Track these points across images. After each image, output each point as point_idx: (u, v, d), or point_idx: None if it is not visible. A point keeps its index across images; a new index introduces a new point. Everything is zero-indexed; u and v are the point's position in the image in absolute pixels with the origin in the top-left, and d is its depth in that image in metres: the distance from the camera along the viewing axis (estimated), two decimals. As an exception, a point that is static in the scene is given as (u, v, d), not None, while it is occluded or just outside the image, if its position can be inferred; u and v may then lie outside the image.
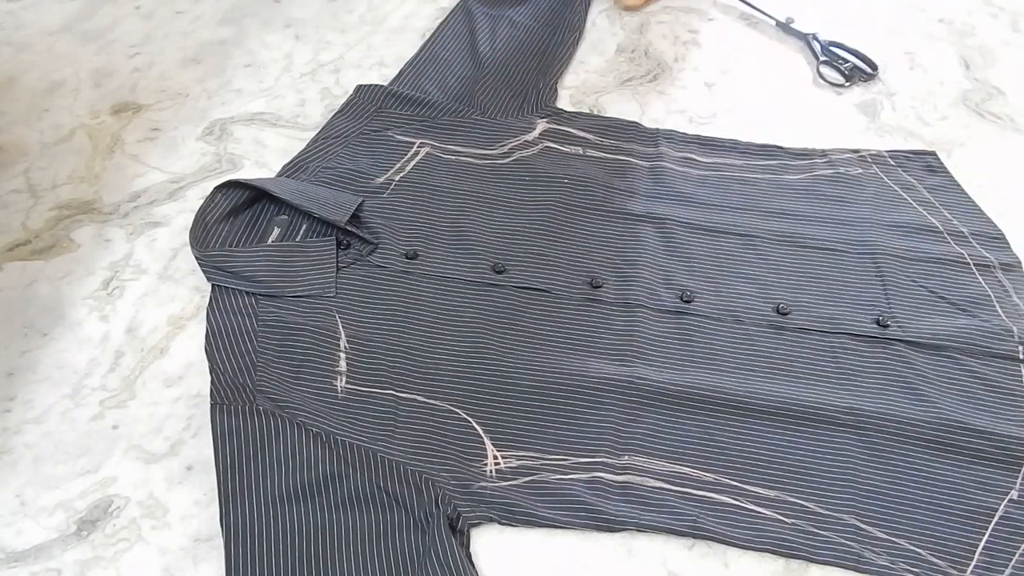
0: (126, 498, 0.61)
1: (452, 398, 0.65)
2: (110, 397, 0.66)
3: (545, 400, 0.65)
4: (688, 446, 0.63)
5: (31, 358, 0.68)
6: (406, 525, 0.57)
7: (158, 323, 0.71)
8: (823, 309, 0.72)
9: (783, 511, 0.60)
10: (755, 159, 0.86)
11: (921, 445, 0.63)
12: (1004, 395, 0.67)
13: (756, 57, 1.00)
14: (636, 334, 0.69)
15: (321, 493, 0.58)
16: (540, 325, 0.70)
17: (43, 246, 0.76)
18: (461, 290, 0.72)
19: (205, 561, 0.58)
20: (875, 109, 0.94)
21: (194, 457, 0.63)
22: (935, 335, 0.70)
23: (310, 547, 0.56)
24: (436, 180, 0.81)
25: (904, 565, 0.58)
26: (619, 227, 0.78)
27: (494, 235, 0.76)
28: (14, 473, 0.62)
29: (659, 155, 0.85)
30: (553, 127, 0.87)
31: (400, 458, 0.61)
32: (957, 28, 1.05)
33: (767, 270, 0.75)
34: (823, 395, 0.66)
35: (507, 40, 0.97)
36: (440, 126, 0.86)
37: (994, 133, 0.91)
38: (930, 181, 0.84)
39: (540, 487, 0.61)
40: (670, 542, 0.59)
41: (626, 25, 1.04)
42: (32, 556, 0.58)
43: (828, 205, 0.81)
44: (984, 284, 0.75)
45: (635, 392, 0.65)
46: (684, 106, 0.93)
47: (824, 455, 0.63)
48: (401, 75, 0.92)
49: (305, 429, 0.61)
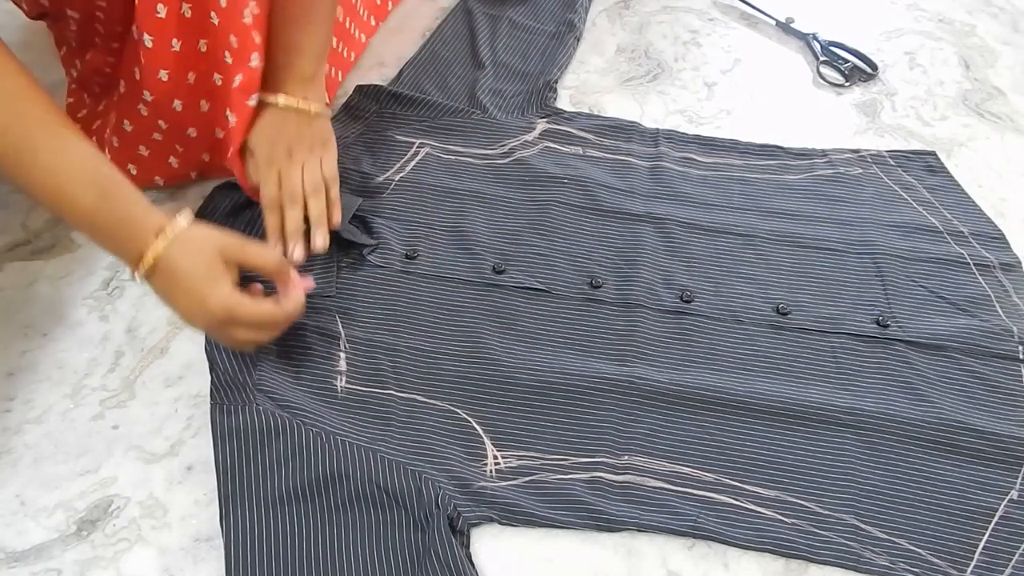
0: (126, 498, 0.61)
1: (452, 398, 0.65)
2: (110, 397, 0.66)
3: (545, 400, 0.65)
4: (688, 446, 0.63)
5: (31, 358, 0.68)
6: (406, 525, 0.57)
7: (158, 323, 0.71)
8: (823, 309, 0.72)
9: (783, 511, 0.60)
10: (755, 159, 0.86)
11: (921, 445, 0.63)
12: (1004, 395, 0.67)
13: (756, 57, 1.00)
14: (636, 334, 0.69)
15: (321, 493, 0.58)
16: (540, 325, 0.70)
17: (43, 246, 0.76)
18: (461, 290, 0.72)
19: (205, 561, 0.58)
20: (875, 109, 0.94)
21: (194, 457, 0.63)
22: (935, 335, 0.70)
23: (310, 547, 0.56)
24: (436, 180, 0.81)
25: (904, 565, 0.58)
26: (619, 227, 0.78)
27: (494, 235, 0.76)
28: (14, 473, 0.62)
29: (659, 155, 0.85)
30: (553, 127, 0.87)
31: (400, 458, 0.61)
32: (957, 28, 1.05)
33: (767, 270, 0.75)
34: (823, 395, 0.66)
35: (507, 40, 0.97)
36: (440, 126, 0.86)
37: (994, 133, 0.91)
38: (930, 181, 0.84)
39: (540, 487, 0.61)
40: (670, 542, 0.59)
41: (626, 25, 1.04)
42: (32, 556, 0.58)
43: (828, 205, 0.81)
44: (984, 284, 0.75)
45: (635, 392, 0.65)
46: (684, 106, 0.93)
47: (824, 455, 0.63)
48: (401, 75, 0.92)
49: (305, 429, 0.61)
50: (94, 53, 0.75)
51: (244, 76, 0.66)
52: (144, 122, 0.72)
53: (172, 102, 0.70)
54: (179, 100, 0.70)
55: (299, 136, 0.69)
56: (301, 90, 0.70)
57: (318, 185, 0.70)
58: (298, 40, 0.69)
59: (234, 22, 0.64)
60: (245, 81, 0.67)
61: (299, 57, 0.69)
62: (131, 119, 0.73)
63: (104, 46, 0.73)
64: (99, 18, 0.69)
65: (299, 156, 0.69)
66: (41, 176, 0.56)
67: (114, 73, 0.75)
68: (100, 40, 0.72)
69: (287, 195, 0.68)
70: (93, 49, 0.75)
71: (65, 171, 0.56)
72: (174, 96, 0.69)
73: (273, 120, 0.69)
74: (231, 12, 0.64)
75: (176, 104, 0.70)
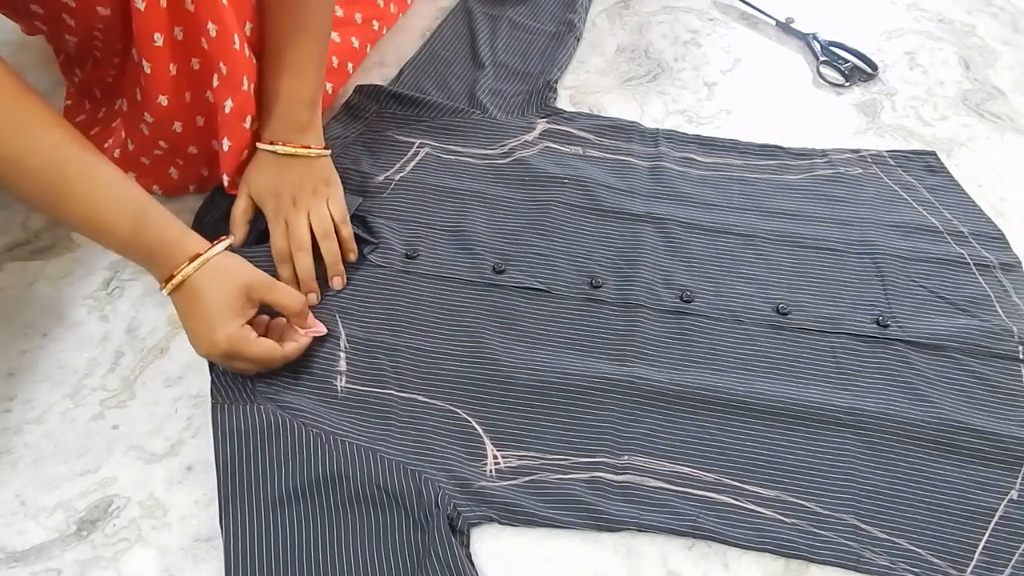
0: (126, 498, 0.61)
1: (452, 398, 0.65)
2: (110, 397, 0.66)
3: (545, 400, 0.65)
4: (688, 446, 0.63)
5: (31, 358, 0.68)
6: (406, 525, 0.57)
7: (158, 323, 0.71)
8: (823, 309, 0.72)
9: (783, 511, 0.60)
10: (755, 159, 0.86)
11: (921, 445, 0.63)
12: (1004, 395, 0.67)
13: (756, 57, 1.00)
14: (636, 334, 0.69)
15: (321, 493, 0.58)
16: (540, 325, 0.70)
17: (43, 246, 0.76)
18: (461, 290, 0.72)
19: (205, 561, 0.58)
20: (875, 109, 0.94)
21: (194, 457, 0.63)
22: (935, 335, 0.70)
23: (310, 547, 0.56)
24: (436, 180, 0.81)
25: (904, 565, 0.58)
26: (619, 227, 0.78)
27: (494, 235, 0.76)
28: (14, 473, 0.62)
29: (659, 155, 0.85)
30: (553, 127, 0.87)
31: (400, 458, 0.61)
32: (957, 28, 1.05)
33: (767, 270, 0.75)
34: (823, 395, 0.66)
35: (507, 40, 0.97)
36: (440, 126, 0.86)
37: (994, 133, 0.91)
38: (930, 181, 0.84)
39: (540, 487, 0.61)
40: (670, 542, 0.59)
41: (626, 25, 1.04)
42: (32, 556, 0.58)
43: (828, 205, 0.81)
44: (984, 284, 0.75)
45: (635, 392, 0.65)
46: (684, 106, 0.93)
47: (824, 455, 0.63)
48: (401, 75, 0.92)
49: (305, 429, 0.61)
50: (94, 66, 0.75)
51: (235, 101, 0.67)
52: (146, 141, 0.73)
53: (172, 124, 0.70)
54: (179, 122, 0.70)
55: (301, 182, 0.70)
56: (299, 138, 0.71)
57: (328, 228, 0.70)
58: (291, 89, 0.70)
59: (225, 49, 0.65)
60: (236, 106, 0.67)
61: (293, 105, 0.70)
62: (133, 138, 0.74)
63: (105, 60, 0.73)
64: (97, 38, 0.69)
65: (304, 202, 0.70)
66: (80, 208, 0.58)
67: (116, 83, 0.75)
68: (100, 55, 0.73)
69: (295, 243, 0.69)
70: (93, 61, 0.75)
71: (100, 201, 0.58)
72: (174, 118, 0.70)
73: (274, 167, 0.70)
74: (221, 38, 0.65)
75: (176, 126, 0.71)
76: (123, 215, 0.58)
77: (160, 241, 0.60)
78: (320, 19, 0.70)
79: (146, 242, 0.59)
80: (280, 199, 0.70)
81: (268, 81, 0.70)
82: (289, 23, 0.69)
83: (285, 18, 0.69)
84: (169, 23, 0.64)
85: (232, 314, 0.60)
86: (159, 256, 0.60)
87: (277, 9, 0.69)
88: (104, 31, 0.68)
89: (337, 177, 0.73)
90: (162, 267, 0.60)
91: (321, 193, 0.71)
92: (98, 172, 0.58)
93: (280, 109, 0.70)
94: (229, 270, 0.61)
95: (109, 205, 0.58)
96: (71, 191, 0.57)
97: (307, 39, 0.69)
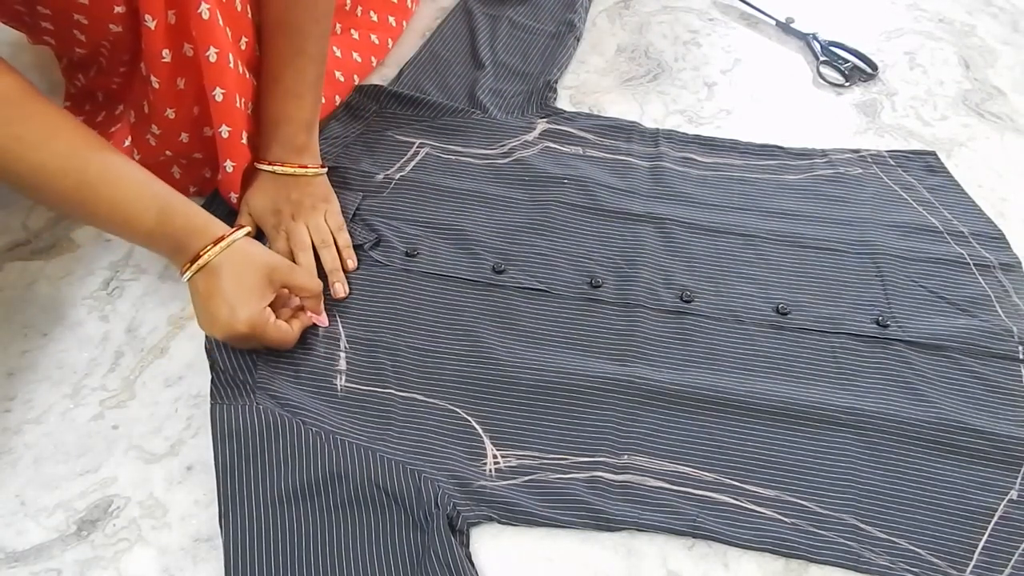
0: (126, 498, 0.61)
1: (452, 397, 0.65)
2: (110, 397, 0.66)
3: (545, 400, 0.65)
4: (688, 446, 0.63)
5: (31, 358, 0.68)
6: (406, 525, 0.57)
7: (158, 323, 0.71)
8: (823, 309, 0.72)
9: (783, 511, 0.60)
10: (755, 159, 0.86)
11: (921, 445, 0.63)
12: (1004, 395, 0.67)
13: (756, 57, 1.00)
14: (636, 334, 0.69)
15: (321, 493, 0.58)
16: (540, 325, 0.70)
17: (43, 246, 0.76)
18: (461, 289, 0.72)
19: (205, 561, 0.58)
20: (875, 109, 0.94)
21: (194, 457, 0.63)
22: (935, 335, 0.70)
23: (310, 547, 0.56)
24: (436, 179, 0.81)
25: (904, 565, 0.58)
26: (619, 227, 0.78)
27: (494, 235, 0.76)
28: (14, 473, 0.62)
29: (659, 155, 0.85)
30: (553, 127, 0.87)
31: (400, 457, 0.61)
32: (957, 28, 1.05)
33: (767, 270, 0.75)
34: (823, 395, 0.66)
35: (507, 40, 0.97)
36: (440, 126, 0.86)
37: (994, 133, 0.91)
38: (930, 181, 0.84)
39: (540, 486, 0.61)
40: (670, 542, 0.59)
41: (626, 25, 1.04)
42: (32, 556, 0.58)
43: (828, 205, 0.81)
44: (984, 284, 0.75)
45: (635, 392, 0.65)
46: (684, 106, 0.93)
47: (824, 455, 0.63)
48: (401, 75, 0.92)
49: (305, 429, 0.61)
50: (99, 72, 0.76)
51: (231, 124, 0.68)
52: (152, 150, 0.73)
53: (179, 135, 0.72)
54: (186, 133, 0.72)
55: (300, 199, 0.72)
56: (297, 158, 0.72)
57: (326, 237, 0.72)
58: (290, 113, 0.71)
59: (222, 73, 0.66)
60: (234, 129, 0.69)
61: (290, 127, 0.72)
62: (140, 148, 0.75)
63: (110, 69, 0.74)
64: (104, 48, 0.70)
65: (302, 217, 0.72)
66: (106, 208, 0.59)
67: (119, 90, 0.76)
68: (106, 63, 0.74)
69: (296, 245, 0.71)
70: (98, 68, 0.76)
71: (124, 200, 0.59)
72: (181, 130, 0.71)
73: (273, 187, 0.72)
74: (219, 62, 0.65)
75: (183, 136, 0.72)
76: (148, 210, 0.60)
77: (185, 228, 0.61)
78: (318, 44, 0.71)
79: (172, 231, 0.61)
80: (280, 216, 0.72)
81: (268, 104, 0.72)
82: (288, 48, 0.70)
83: (284, 43, 0.70)
84: (179, 40, 0.65)
85: (254, 297, 0.61)
86: (184, 241, 0.61)
87: (277, 34, 0.70)
88: (112, 44, 0.69)
89: (334, 194, 0.75)
90: (187, 252, 0.61)
91: (319, 208, 0.73)
92: (119, 171, 0.60)
93: (280, 133, 0.72)
94: (251, 253, 0.63)
95: (133, 202, 0.59)
96: (95, 193, 0.58)
97: (306, 63, 0.71)
